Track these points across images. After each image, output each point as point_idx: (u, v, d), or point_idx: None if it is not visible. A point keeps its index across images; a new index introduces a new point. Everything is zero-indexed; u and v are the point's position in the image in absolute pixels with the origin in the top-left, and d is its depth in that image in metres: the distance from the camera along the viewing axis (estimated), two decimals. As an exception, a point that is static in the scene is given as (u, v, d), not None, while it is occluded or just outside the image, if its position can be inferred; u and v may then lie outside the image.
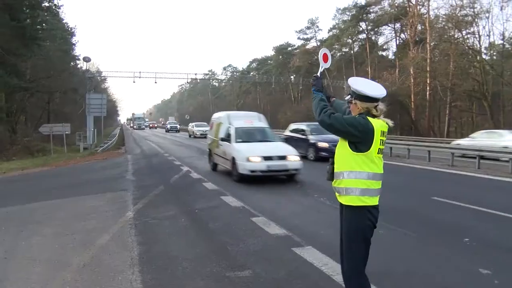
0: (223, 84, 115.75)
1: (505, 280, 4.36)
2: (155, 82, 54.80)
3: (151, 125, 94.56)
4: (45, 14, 32.73)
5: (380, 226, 6.23)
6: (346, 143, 3.08)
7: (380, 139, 3.00)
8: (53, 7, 30.65)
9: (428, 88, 41.55)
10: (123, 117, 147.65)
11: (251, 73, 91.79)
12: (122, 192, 10.32)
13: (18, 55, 26.95)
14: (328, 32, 69.15)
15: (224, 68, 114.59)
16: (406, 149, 19.05)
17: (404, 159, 17.87)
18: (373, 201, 3.05)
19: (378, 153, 3.02)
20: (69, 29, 47.95)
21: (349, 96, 3.18)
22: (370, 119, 2.99)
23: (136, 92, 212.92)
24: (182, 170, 14.52)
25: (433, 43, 42.13)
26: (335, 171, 3.21)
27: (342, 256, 3.33)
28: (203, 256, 5.21)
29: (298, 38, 77.29)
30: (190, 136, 44.62)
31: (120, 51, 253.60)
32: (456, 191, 9.75)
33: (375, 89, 3.08)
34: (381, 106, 3.07)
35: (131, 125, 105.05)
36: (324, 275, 4.44)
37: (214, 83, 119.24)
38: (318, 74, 3.52)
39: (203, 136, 33.78)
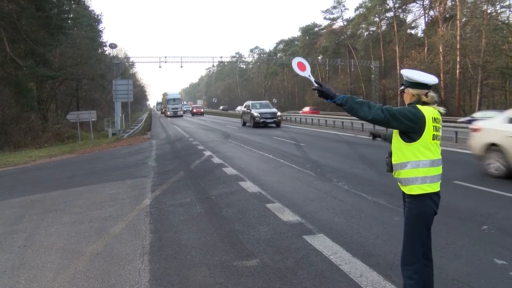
0: (250, 66, 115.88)
1: (521, 270, 4.20)
2: (181, 66, 55.38)
3: (195, 110, 71.63)
4: (72, 2, 33.17)
5: (396, 212, 6.26)
6: (398, 135, 3.17)
7: (433, 126, 3.05)
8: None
9: (458, 66, 40.37)
10: (152, 102, 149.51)
11: (278, 55, 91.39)
12: (142, 178, 10.44)
13: (45, 44, 27.45)
14: (355, 11, 68.19)
15: (251, 50, 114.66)
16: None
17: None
18: (434, 187, 3.10)
19: (433, 139, 3.07)
20: (95, 16, 48.72)
21: (402, 86, 3.25)
22: (420, 107, 3.06)
23: (163, 77, 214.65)
24: (204, 155, 14.59)
25: (464, 19, 40.77)
26: (393, 162, 3.29)
27: None
28: (213, 244, 5.21)
29: (324, 18, 76.85)
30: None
31: (147, 36, 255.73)
32: (480, 175, 9.46)
33: (426, 77, 3.15)
34: (432, 93, 3.12)
35: (163, 110, 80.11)
36: (332, 265, 4.37)
37: (242, 66, 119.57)
38: (315, 84, 3.32)
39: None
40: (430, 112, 3.06)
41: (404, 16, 59.94)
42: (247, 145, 17.39)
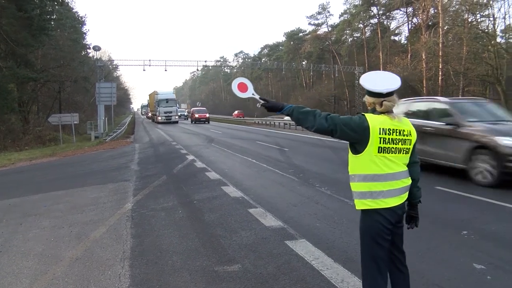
0: (235, 70, 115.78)
1: (498, 275, 4.25)
2: (165, 70, 55.40)
3: (197, 115, 52.74)
4: (54, 3, 32.79)
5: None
6: (349, 145, 2.99)
7: (381, 137, 2.79)
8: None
9: (440, 73, 40.87)
10: (136, 105, 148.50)
11: (263, 59, 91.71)
12: (124, 182, 10.33)
13: (27, 45, 27.09)
14: (339, 17, 68.81)
15: (236, 55, 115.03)
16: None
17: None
18: (380, 204, 2.86)
19: (379, 152, 2.81)
20: (79, 18, 48.19)
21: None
22: (368, 116, 2.83)
23: (147, 80, 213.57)
24: (187, 159, 14.52)
25: (446, 27, 41.40)
26: (352, 189, 3.09)
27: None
28: (194, 249, 5.18)
29: (309, 23, 76.98)
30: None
31: (131, 39, 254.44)
32: (463, 181, 9.57)
33: (379, 84, 2.90)
34: (388, 102, 2.86)
35: (149, 114, 68.85)
36: (313, 270, 4.37)
37: (226, 70, 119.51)
38: (261, 101, 3.22)
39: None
40: (379, 123, 2.81)
41: (388, 23, 60.76)
42: (231, 150, 17.36)
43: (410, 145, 2.94)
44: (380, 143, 2.79)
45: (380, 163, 2.82)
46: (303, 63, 75.07)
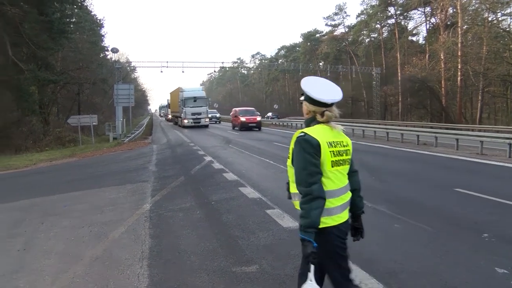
0: (252, 72, 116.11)
1: (521, 279, 4.18)
2: (183, 71, 54.77)
3: (244, 118, 35.92)
4: (74, 7, 33.30)
5: (395, 219, 6.25)
6: (291, 163, 2.73)
7: (331, 151, 2.64)
8: (79, 0, 31.10)
9: (459, 73, 40.40)
10: (153, 106, 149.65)
11: (279, 61, 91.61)
12: (142, 183, 10.43)
13: (47, 48, 27.54)
14: (356, 18, 68.33)
15: (253, 56, 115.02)
16: (433, 136, 18.62)
17: (431, 147, 17.48)
18: (336, 220, 2.68)
19: (333, 166, 2.65)
20: (98, 20, 48.82)
21: (302, 97, 2.82)
22: (312, 132, 2.63)
23: (165, 82, 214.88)
24: (205, 160, 14.60)
25: (465, 26, 40.91)
26: (290, 191, 2.84)
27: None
28: (212, 250, 5.20)
29: (326, 24, 76.61)
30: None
31: (148, 41, 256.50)
32: (482, 182, 9.45)
33: (324, 93, 2.71)
34: (329, 112, 2.69)
35: (169, 116, 61.95)
36: (331, 271, 4.35)
37: (243, 71, 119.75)
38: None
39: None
40: (325, 136, 2.65)
41: (406, 23, 60.12)
42: (248, 151, 17.39)
43: (349, 155, 2.82)
44: (331, 156, 2.65)
45: (333, 177, 2.68)
46: (320, 64, 74.76)
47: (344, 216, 2.76)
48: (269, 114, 64.90)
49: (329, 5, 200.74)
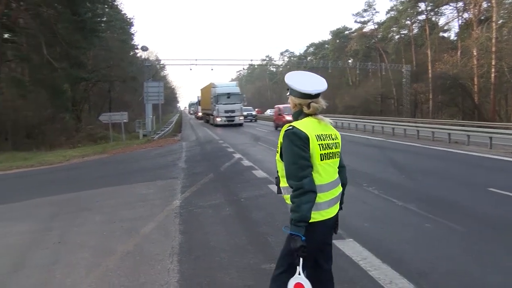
0: (280, 69, 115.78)
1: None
2: (212, 69, 54.88)
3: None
4: (105, 6, 33.94)
5: (426, 219, 6.15)
6: (280, 157, 2.74)
7: (319, 144, 2.61)
8: (109, 0, 31.71)
9: (493, 70, 39.32)
10: (182, 104, 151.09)
11: (308, 58, 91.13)
12: (172, 180, 10.57)
13: (80, 47, 28.16)
14: (386, 14, 67.30)
15: (281, 53, 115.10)
16: (465, 135, 18.22)
17: (463, 146, 17.09)
18: (324, 215, 2.65)
19: (322, 159, 2.62)
20: (128, 19, 49.55)
21: (289, 91, 2.81)
22: (300, 126, 2.61)
23: (194, 79, 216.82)
24: (234, 157, 14.68)
25: (500, 21, 39.77)
26: (280, 185, 2.85)
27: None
28: (242, 247, 5.23)
29: (355, 21, 75.56)
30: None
31: (178, 39, 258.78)
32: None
33: (308, 84, 2.71)
34: (315, 104, 2.67)
35: (200, 113, 58.30)
36: (361, 270, 4.32)
37: (272, 69, 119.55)
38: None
39: None
40: (313, 129, 2.62)
41: (437, 19, 58.80)
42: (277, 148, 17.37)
43: (338, 148, 2.80)
44: (320, 150, 2.62)
45: (322, 171, 2.64)
46: (349, 61, 74.01)
47: (332, 211, 2.72)
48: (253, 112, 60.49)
49: (358, 1, 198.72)
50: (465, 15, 51.04)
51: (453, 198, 7.76)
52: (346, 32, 79.54)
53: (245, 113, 43.57)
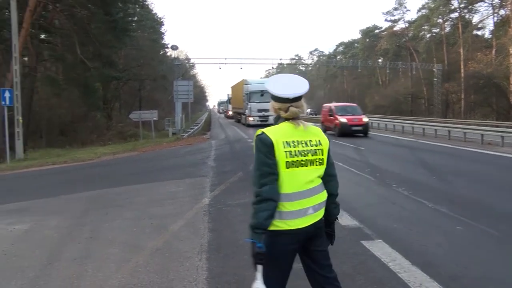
0: (310, 68, 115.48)
1: None
2: (241, 68, 54.87)
3: (345, 120, 23.68)
4: (136, 6, 34.47)
5: (459, 221, 6.02)
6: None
7: (286, 151, 2.50)
8: (140, 0, 32.20)
9: (530, 68, 38.20)
10: (211, 102, 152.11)
11: (338, 57, 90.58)
12: (201, 178, 10.66)
13: (111, 47, 28.70)
14: (417, 13, 66.21)
15: (311, 53, 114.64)
16: (499, 136, 17.75)
17: (497, 147, 16.66)
18: (290, 225, 2.54)
19: (288, 167, 2.51)
20: (158, 19, 50.19)
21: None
22: (268, 132, 2.54)
23: (223, 78, 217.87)
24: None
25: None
26: None
27: None
28: (270, 245, 5.23)
29: (386, 20, 74.96)
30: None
31: (207, 38, 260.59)
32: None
33: (286, 88, 2.61)
34: (294, 108, 2.57)
35: (230, 111, 57.31)
36: (390, 272, 4.27)
37: (301, 68, 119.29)
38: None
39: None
40: (281, 136, 2.53)
41: (470, 17, 57.45)
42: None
43: (322, 155, 2.64)
44: (286, 157, 2.50)
45: (288, 180, 2.53)
46: (379, 60, 73.11)
47: (303, 222, 2.57)
48: (308, 110, 57.65)
49: (389, 0, 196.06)
50: (501, 11, 49.66)
51: (486, 201, 7.58)
52: (376, 31, 78.73)
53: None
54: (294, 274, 2.79)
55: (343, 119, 23.51)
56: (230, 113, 55.35)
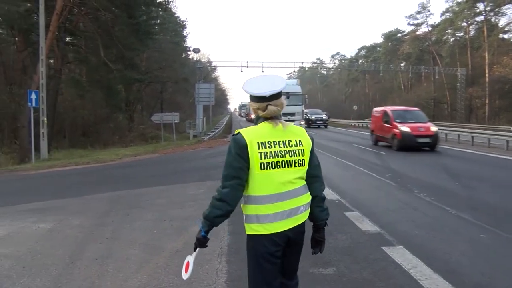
0: (331, 72, 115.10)
1: None
2: (262, 71, 54.77)
3: (410, 130, 17.95)
4: (159, 9, 34.85)
5: (483, 229, 5.91)
6: None
7: (260, 152, 2.46)
8: (164, 3, 32.52)
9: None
10: (232, 105, 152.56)
11: (360, 61, 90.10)
12: (221, 180, 10.67)
13: (134, 49, 29.06)
14: (441, 16, 65.47)
15: (332, 56, 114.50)
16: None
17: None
18: (268, 229, 2.52)
19: (263, 169, 2.47)
20: (181, 22, 50.61)
21: None
22: (244, 132, 2.52)
23: (243, 81, 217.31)
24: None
25: None
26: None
27: None
28: (289, 249, 5.22)
29: (408, 23, 74.24)
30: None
31: (229, 41, 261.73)
32: None
33: (262, 87, 2.54)
34: (272, 106, 2.50)
35: (254, 115, 15.14)
36: (411, 279, 4.21)
37: (322, 71, 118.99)
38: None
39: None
40: (256, 136, 2.48)
41: (496, 20, 56.46)
42: (326, 152, 17.25)
43: (303, 155, 2.56)
44: (261, 158, 2.46)
45: (264, 181, 2.49)
46: (402, 64, 72.40)
47: (282, 225, 2.54)
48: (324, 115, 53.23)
49: (412, 3, 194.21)
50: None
51: (511, 208, 7.43)
52: (399, 34, 78.12)
53: (312, 117, 38.66)
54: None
55: (405, 128, 18.18)
56: (252, 116, 52.47)
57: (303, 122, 31.38)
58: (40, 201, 8.90)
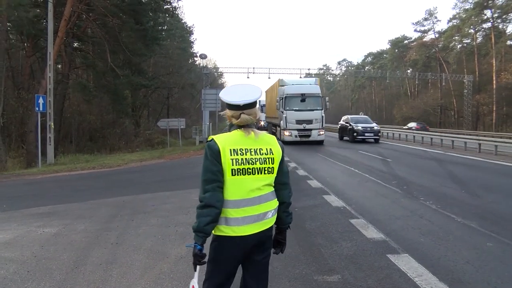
0: (338, 78, 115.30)
1: None
2: (269, 78, 54.64)
3: None
4: (166, 15, 35.06)
5: (489, 237, 5.86)
6: None
7: (232, 159, 2.54)
8: (171, 9, 32.72)
9: None
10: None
11: (366, 68, 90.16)
12: (226, 186, 10.66)
13: (141, 55, 29.23)
14: (448, 23, 65.56)
15: (339, 63, 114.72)
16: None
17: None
18: (236, 231, 2.58)
19: (233, 174, 2.55)
20: (188, 28, 50.89)
21: None
22: (217, 138, 2.60)
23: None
24: (289, 166, 14.60)
25: None
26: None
27: None
28: (295, 256, 5.20)
29: (415, 30, 74.55)
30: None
31: (235, 47, 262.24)
32: None
33: (237, 96, 2.63)
34: (245, 115, 2.60)
35: (263, 122, 41.71)
36: (416, 287, 4.18)
37: (329, 78, 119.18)
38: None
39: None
40: (229, 143, 2.57)
41: (504, 26, 56.34)
42: (333, 158, 17.22)
43: (272, 163, 2.65)
44: (232, 164, 2.55)
45: (235, 187, 2.58)
46: (408, 71, 72.37)
47: (249, 229, 2.61)
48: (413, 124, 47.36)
49: (419, 10, 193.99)
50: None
51: (518, 217, 7.36)
52: (406, 41, 78.15)
53: (358, 127, 28.35)
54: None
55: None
56: (262, 123, 42.65)
57: (322, 132, 25.91)
58: (45, 205, 8.93)
